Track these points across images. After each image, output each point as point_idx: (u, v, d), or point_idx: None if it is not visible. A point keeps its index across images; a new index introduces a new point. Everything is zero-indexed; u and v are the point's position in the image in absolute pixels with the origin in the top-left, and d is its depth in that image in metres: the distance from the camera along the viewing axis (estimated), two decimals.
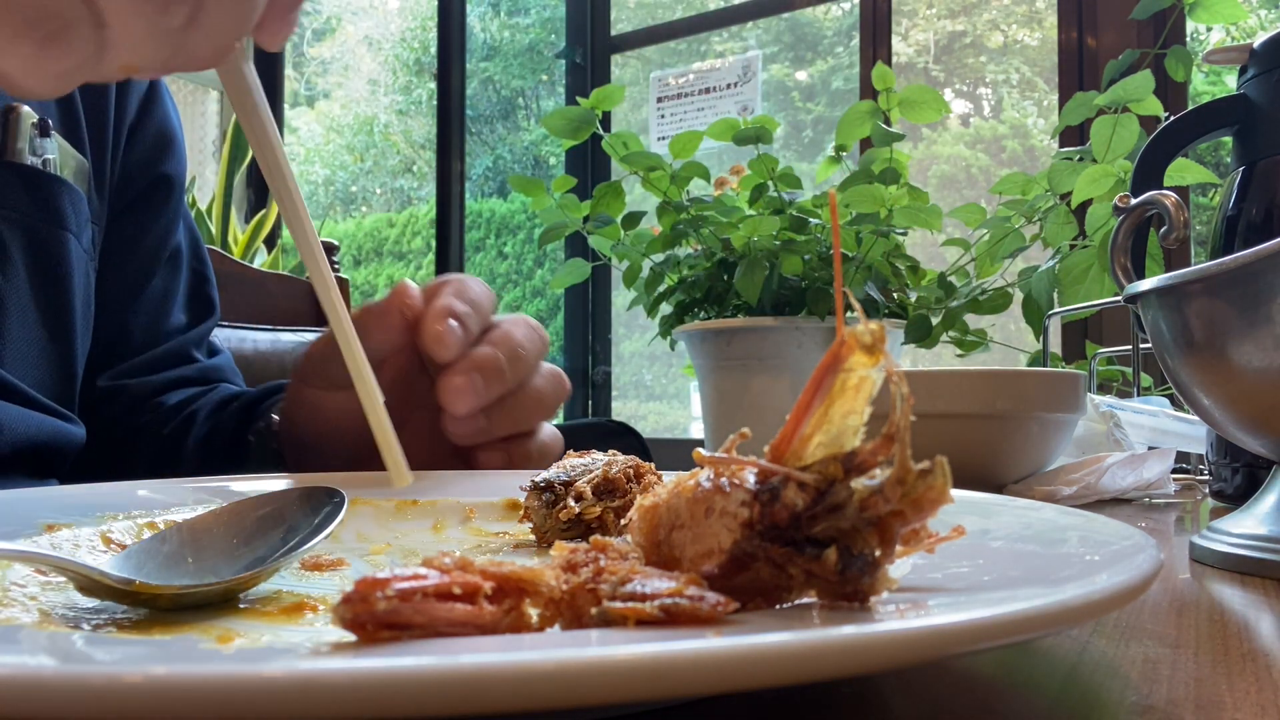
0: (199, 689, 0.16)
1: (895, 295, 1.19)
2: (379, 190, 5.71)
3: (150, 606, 0.31)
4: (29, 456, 0.69)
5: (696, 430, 3.32)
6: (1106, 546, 0.31)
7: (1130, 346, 1.16)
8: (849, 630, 0.20)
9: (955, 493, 0.26)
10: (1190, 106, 0.77)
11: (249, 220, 3.37)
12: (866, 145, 1.24)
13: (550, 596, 0.25)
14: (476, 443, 0.63)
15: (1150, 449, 0.88)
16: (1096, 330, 1.97)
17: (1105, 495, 0.77)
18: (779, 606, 0.27)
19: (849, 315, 0.26)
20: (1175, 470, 0.91)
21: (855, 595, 0.26)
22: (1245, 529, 0.49)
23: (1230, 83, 1.42)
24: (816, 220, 1.14)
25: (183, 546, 0.35)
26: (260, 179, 3.65)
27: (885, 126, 1.21)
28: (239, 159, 3.21)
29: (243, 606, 0.32)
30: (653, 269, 1.26)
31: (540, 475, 0.48)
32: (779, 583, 0.26)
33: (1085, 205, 1.17)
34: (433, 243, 3.55)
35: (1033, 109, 3.10)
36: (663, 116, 3.19)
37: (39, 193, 0.75)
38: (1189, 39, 2.36)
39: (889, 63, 2.61)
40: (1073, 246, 1.18)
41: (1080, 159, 1.18)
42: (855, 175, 1.20)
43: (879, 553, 0.26)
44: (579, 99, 1.28)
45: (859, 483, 0.26)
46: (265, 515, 0.37)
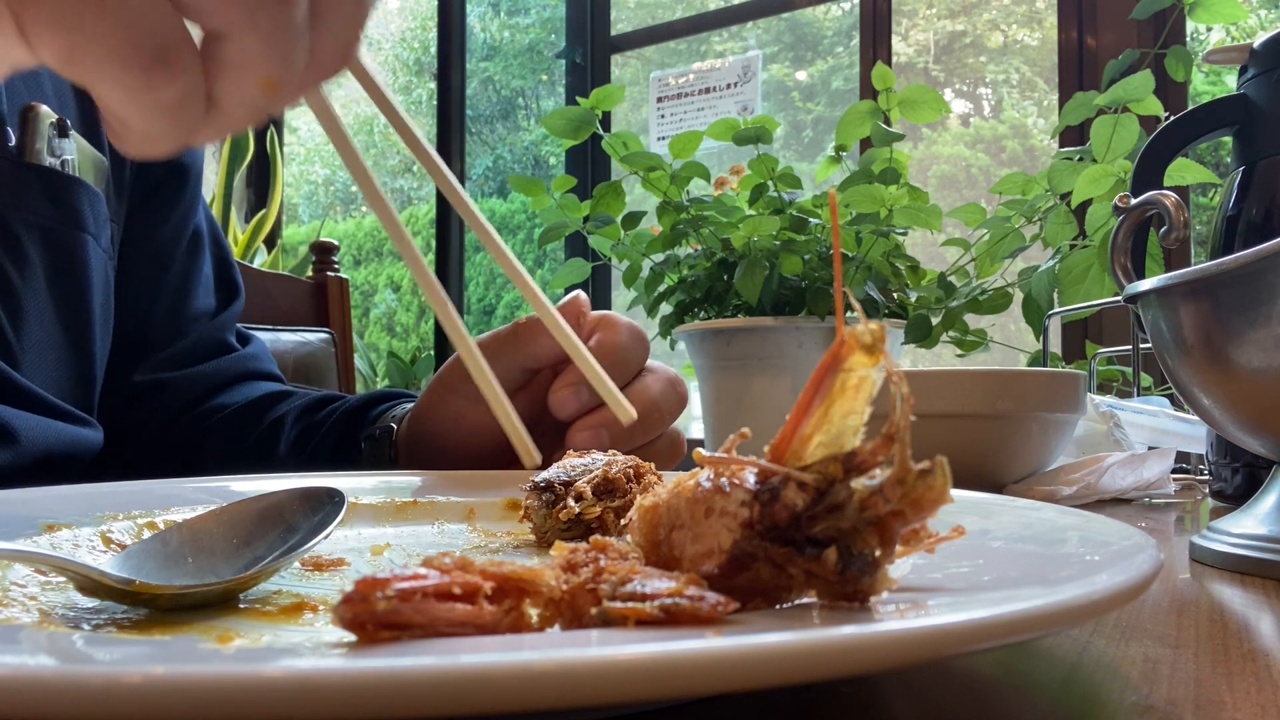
0: (199, 689, 0.16)
1: (895, 295, 1.19)
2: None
3: (150, 606, 0.31)
4: (46, 465, 0.69)
5: (696, 430, 3.32)
6: (1106, 546, 0.31)
7: (1130, 346, 1.16)
8: (849, 630, 0.20)
9: (955, 493, 0.26)
10: (1190, 106, 0.77)
11: (249, 220, 3.37)
12: (866, 145, 1.24)
13: (550, 596, 0.25)
14: None
15: (1150, 449, 0.88)
16: (1096, 330, 1.97)
17: (1105, 495, 0.77)
18: (779, 606, 0.27)
19: (849, 315, 0.26)
20: (1175, 470, 0.91)
21: (855, 595, 0.26)
22: (1245, 529, 0.49)
23: (1230, 83, 1.42)
24: (816, 220, 1.14)
25: (183, 546, 0.35)
26: (260, 178, 3.66)
27: (885, 126, 1.21)
28: (239, 159, 3.21)
29: (243, 606, 0.32)
30: (653, 269, 1.26)
31: (540, 475, 0.48)
32: (779, 583, 0.26)
33: (1085, 205, 1.17)
34: (433, 243, 3.55)
35: (1033, 109, 3.10)
36: (663, 116, 3.19)
37: (57, 195, 0.75)
38: (1189, 39, 2.36)
39: (889, 63, 2.61)
40: (1073, 246, 1.18)
41: (1080, 159, 1.18)
42: (855, 175, 1.20)
43: (879, 553, 0.26)
44: (579, 99, 1.28)
45: (859, 483, 0.26)
46: (265, 515, 0.37)
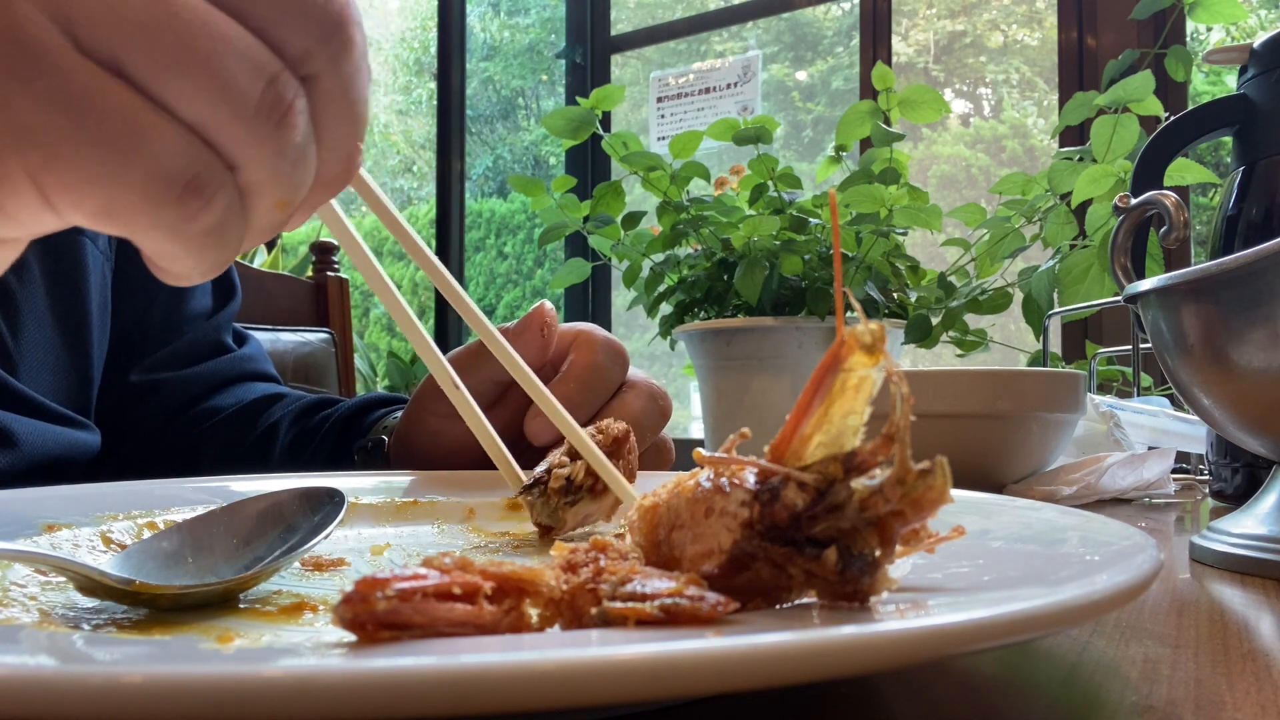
0: (199, 689, 0.16)
1: (895, 295, 1.19)
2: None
3: (150, 606, 0.31)
4: (44, 469, 0.68)
5: (696, 430, 3.32)
6: (1106, 546, 0.31)
7: (1130, 346, 1.16)
8: (849, 630, 0.20)
9: (955, 493, 0.26)
10: (1190, 106, 0.77)
11: None
12: (866, 145, 1.24)
13: (550, 596, 0.25)
14: None
15: (1150, 449, 0.88)
16: (1096, 330, 1.97)
17: (1105, 495, 0.77)
18: (779, 606, 0.27)
19: (849, 315, 0.26)
20: (1175, 470, 0.91)
21: (855, 595, 0.26)
22: (1245, 529, 0.49)
23: (1230, 83, 1.42)
24: (816, 220, 1.14)
25: (183, 546, 0.35)
26: None
27: (885, 126, 1.21)
28: None
29: (243, 606, 0.32)
30: (653, 269, 1.26)
31: (528, 480, 0.49)
32: (779, 583, 0.26)
33: (1085, 205, 1.17)
34: (433, 243, 3.55)
35: (1033, 109, 3.10)
36: (663, 116, 3.19)
37: None
38: (1189, 39, 2.36)
39: (889, 63, 2.61)
40: (1073, 246, 1.18)
41: (1080, 159, 1.18)
42: (855, 175, 1.20)
43: (879, 553, 0.26)
44: (579, 99, 1.28)
45: (859, 483, 0.26)
46: (265, 515, 0.37)
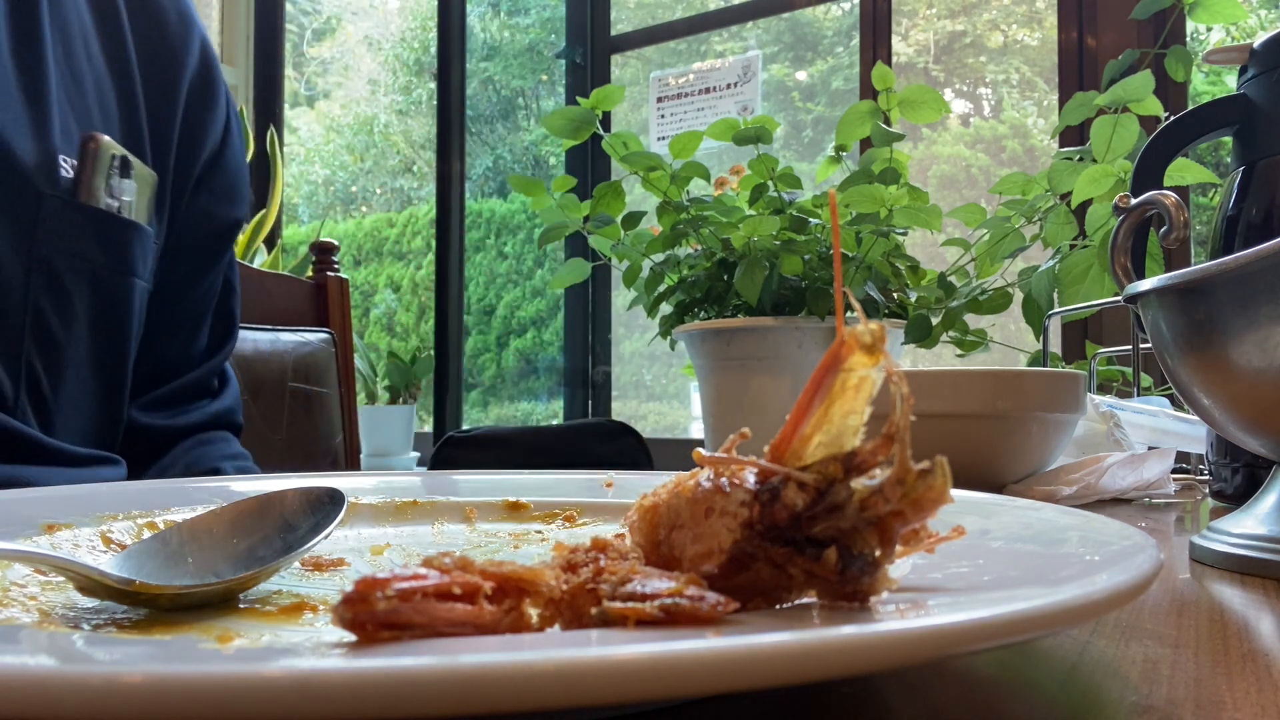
0: (199, 689, 0.16)
1: (895, 295, 1.19)
2: (379, 190, 5.71)
3: (150, 606, 0.31)
4: None
5: (696, 430, 3.32)
6: (1106, 546, 0.31)
7: (1130, 346, 1.16)
8: (849, 630, 0.20)
9: (955, 493, 0.26)
10: (1190, 106, 0.77)
11: (249, 220, 3.37)
12: (866, 145, 1.24)
13: (550, 596, 0.25)
14: None
15: (1150, 449, 0.88)
16: (1096, 330, 1.97)
17: (1105, 495, 0.77)
18: (779, 606, 0.27)
19: (849, 315, 0.26)
20: (1175, 470, 0.91)
21: (855, 595, 0.26)
22: (1245, 529, 0.49)
23: (1230, 83, 1.42)
24: (816, 220, 1.14)
25: (183, 546, 0.35)
26: (260, 178, 3.66)
27: (885, 126, 1.21)
28: None
29: (243, 606, 0.32)
30: (653, 269, 1.26)
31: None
32: (779, 583, 0.26)
33: (1085, 205, 1.17)
34: (433, 243, 3.55)
35: (1033, 109, 3.10)
36: (663, 116, 3.19)
37: (111, 240, 0.70)
38: (1189, 39, 2.36)
39: (889, 63, 2.61)
40: (1073, 246, 1.18)
41: (1080, 159, 1.18)
42: (855, 175, 1.20)
43: (879, 553, 0.26)
44: (579, 99, 1.28)
45: (859, 483, 0.26)
46: (265, 515, 0.37)
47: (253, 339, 1.31)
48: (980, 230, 1.25)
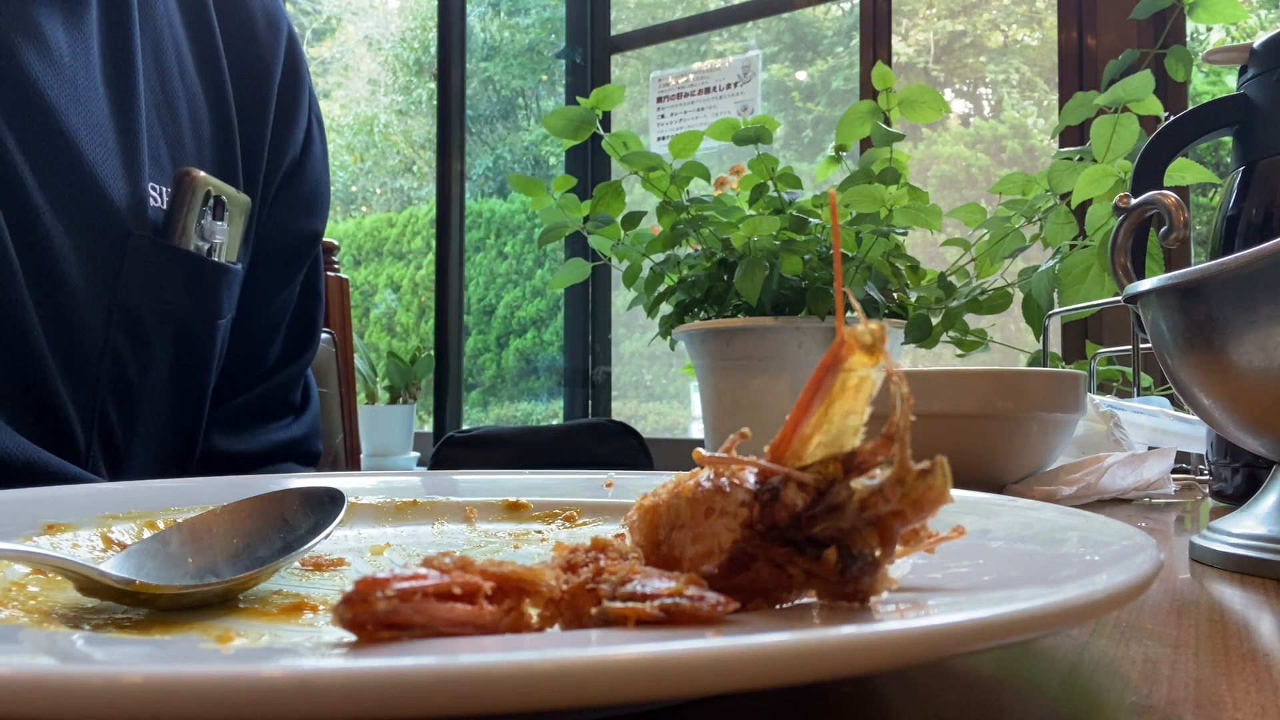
0: (199, 689, 0.16)
1: (895, 295, 1.19)
2: (379, 190, 5.71)
3: (150, 606, 0.31)
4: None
5: (696, 430, 3.33)
6: (1106, 546, 0.31)
7: (1130, 346, 1.16)
8: (849, 630, 0.20)
9: (955, 493, 0.26)
10: (1190, 106, 0.77)
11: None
12: (866, 145, 1.24)
13: (550, 596, 0.25)
14: None
15: (1150, 449, 0.88)
16: (1096, 330, 1.97)
17: (1105, 495, 0.77)
18: (779, 606, 0.27)
19: (849, 315, 0.26)
20: (1175, 470, 0.91)
21: (855, 595, 0.26)
22: (1245, 529, 0.49)
23: (1230, 83, 1.42)
24: (816, 220, 1.14)
25: (183, 546, 0.35)
26: None
27: (885, 126, 1.21)
28: None
29: (243, 606, 0.32)
30: (653, 269, 1.26)
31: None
32: (779, 583, 0.26)
33: (1085, 205, 1.17)
34: (433, 243, 3.55)
35: (1033, 109, 3.10)
36: (663, 116, 3.19)
37: (200, 285, 0.66)
38: (1189, 39, 2.36)
39: (889, 63, 2.61)
40: (1073, 246, 1.18)
41: (1080, 159, 1.18)
42: (855, 175, 1.20)
43: (879, 553, 0.26)
44: (579, 99, 1.28)
45: (859, 483, 0.26)
46: (265, 515, 0.37)
47: None
48: (980, 230, 1.25)
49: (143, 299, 0.64)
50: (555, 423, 3.43)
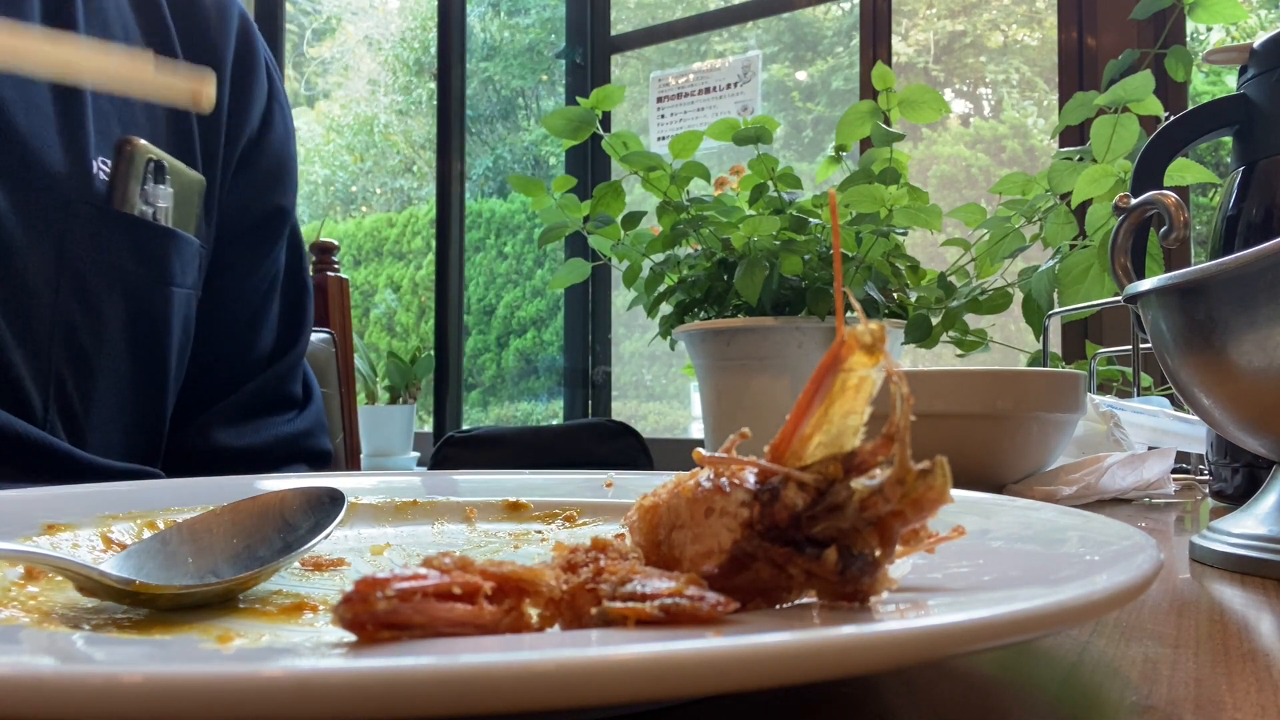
0: (199, 689, 0.16)
1: (895, 295, 1.19)
2: (379, 190, 5.71)
3: (150, 606, 0.31)
4: None
5: (696, 430, 3.32)
6: (1106, 546, 0.31)
7: (1130, 346, 1.16)
8: (849, 630, 0.20)
9: (955, 493, 0.26)
10: (1190, 106, 0.77)
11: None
12: (866, 145, 1.24)
13: (550, 596, 0.25)
14: None
15: (1150, 449, 0.88)
16: (1096, 330, 1.97)
17: (1105, 495, 0.77)
18: (779, 606, 0.27)
19: (849, 315, 0.26)
20: (1175, 470, 0.91)
21: (855, 595, 0.26)
22: (1245, 529, 0.49)
23: (1230, 83, 1.42)
24: (816, 220, 1.14)
25: (183, 546, 0.35)
26: None
27: (885, 126, 1.21)
28: None
29: (243, 606, 0.32)
30: (653, 269, 1.26)
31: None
32: (779, 583, 0.26)
33: (1085, 205, 1.17)
34: (433, 243, 3.55)
35: (1033, 109, 3.10)
36: (663, 116, 3.19)
37: (146, 249, 0.68)
38: (1189, 39, 2.36)
39: (889, 63, 2.61)
40: (1073, 246, 1.18)
41: (1080, 159, 1.18)
42: (855, 175, 1.20)
43: (879, 553, 0.26)
44: (579, 99, 1.28)
45: (859, 483, 0.26)
46: (265, 515, 0.37)
47: None
48: (980, 230, 1.25)
49: (90, 265, 0.65)
50: (555, 423, 3.43)
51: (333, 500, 0.38)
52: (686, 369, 1.29)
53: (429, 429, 3.54)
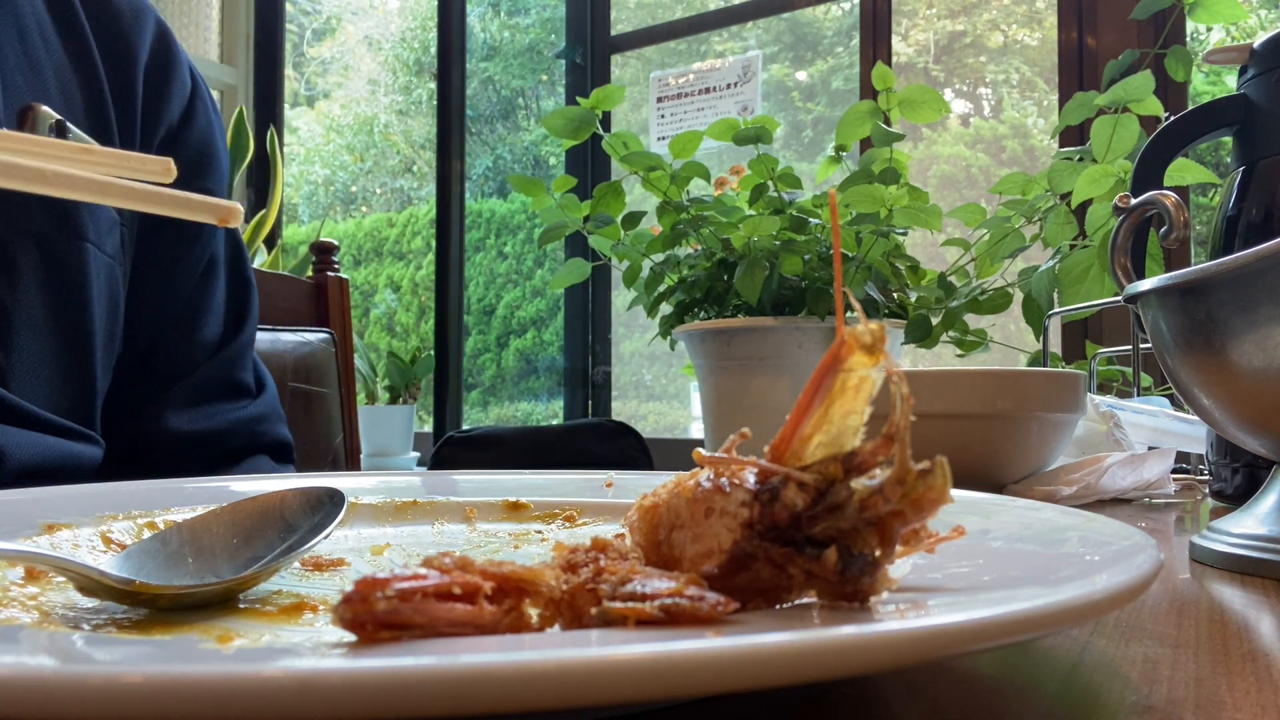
0: (199, 689, 0.16)
1: (895, 295, 1.19)
2: (379, 190, 5.71)
3: (150, 606, 0.31)
4: (36, 481, 0.66)
5: (696, 430, 3.32)
6: (1106, 546, 0.31)
7: (1130, 346, 1.16)
8: (849, 630, 0.20)
9: (955, 493, 0.26)
10: (1190, 106, 0.77)
11: (249, 220, 3.36)
12: (866, 145, 1.24)
13: (550, 596, 0.25)
14: None
15: (1150, 449, 0.88)
16: (1096, 330, 1.97)
17: (1105, 495, 0.77)
18: (779, 606, 0.27)
19: (849, 315, 0.26)
20: (1175, 470, 0.91)
21: (855, 595, 0.26)
22: (1245, 529, 0.49)
23: (1230, 83, 1.42)
24: (816, 220, 1.14)
25: (183, 546, 0.35)
26: (260, 178, 3.66)
27: (885, 126, 1.21)
28: (239, 159, 3.21)
29: (243, 606, 0.32)
30: (653, 269, 1.26)
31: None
32: (779, 583, 0.26)
33: (1085, 205, 1.17)
34: (433, 243, 3.55)
35: (1033, 109, 3.10)
36: (663, 116, 3.19)
37: (53, 202, 0.71)
38: (1189, 39, 2.36)
39: (889, 63, 2.61)
40: (1073, 246, 1.18)
41: (1080, 159, 1.18)
42: (855, 175, 1.20)
43: (879, 553, 0.26)
44: (579, 99, 1.28)
45: (859, 483, 0.26)
46: (265, 515, 0.37)
47: None
48: (980, 230, 1.25)
49: (1, 221, 0.69)
50: (555, 423, 3.43)
51: (333, 500, 0.38)
52: (686, 369, 1.29)
53: (429, 429, 3.54)
